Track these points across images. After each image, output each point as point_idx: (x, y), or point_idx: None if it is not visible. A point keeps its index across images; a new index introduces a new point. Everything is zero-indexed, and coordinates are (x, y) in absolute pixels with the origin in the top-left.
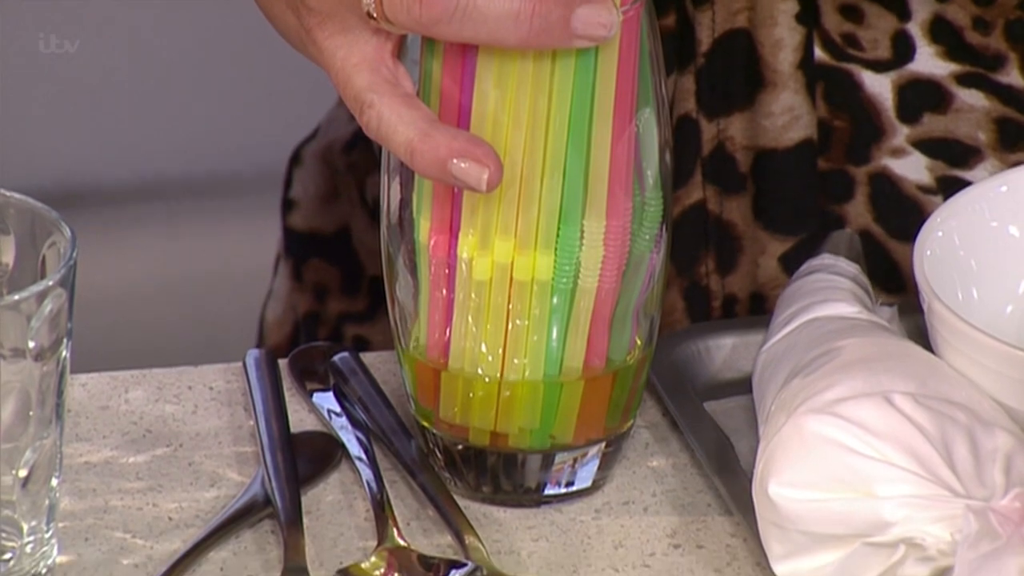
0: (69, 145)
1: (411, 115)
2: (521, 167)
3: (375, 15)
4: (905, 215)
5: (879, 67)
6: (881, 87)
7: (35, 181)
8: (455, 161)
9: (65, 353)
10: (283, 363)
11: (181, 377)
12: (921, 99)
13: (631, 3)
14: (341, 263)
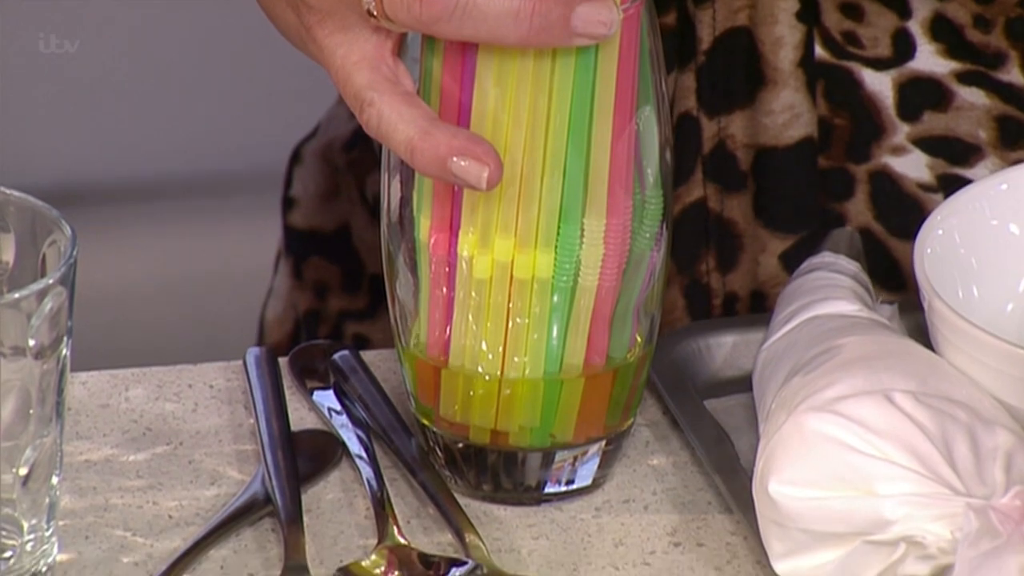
0: (69, 144)
1: (411, 113)
2: (521, 165)
3: (375, 13)
4: (905, 213)
5: (879, 65)
6: (881, 85)
7: (35, 180)
8: (455, 159)
9: (65, 351)
10: (283, 361)
11: (181, 375)
12: (921, 97)
13: (631, 1)
14: (341, 261)
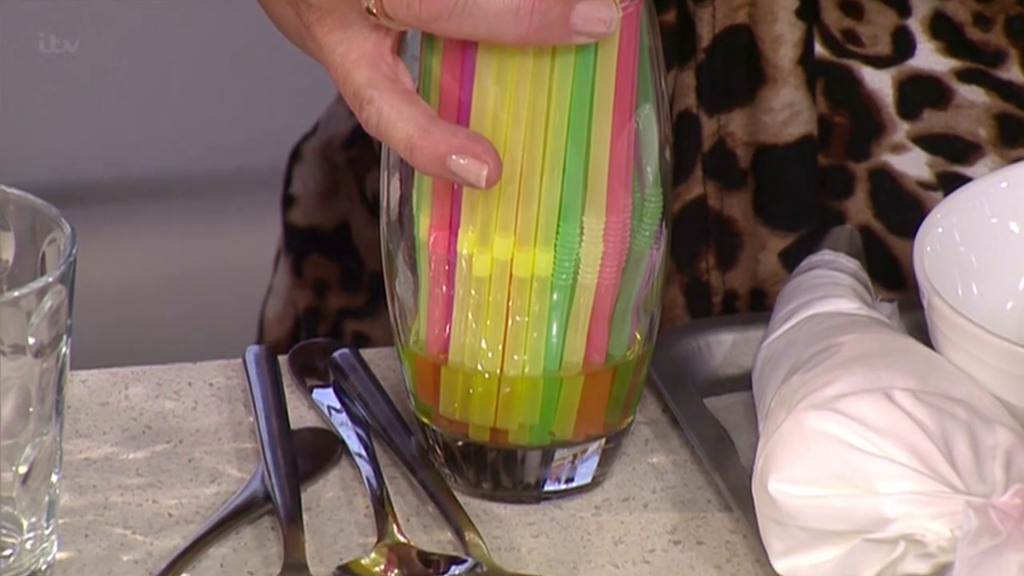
0: (69, 143)
1: (410, 111)
2: (521, 163)
3: (375, 11)
4: (905, 211)
5: (879, 63)
6: (881, 83)
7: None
8: (454, 157)
9: (65, 349)
10: (283, 359)
11: (181, 373)
12: (921, 95)
13: None
14: (341, 259)
